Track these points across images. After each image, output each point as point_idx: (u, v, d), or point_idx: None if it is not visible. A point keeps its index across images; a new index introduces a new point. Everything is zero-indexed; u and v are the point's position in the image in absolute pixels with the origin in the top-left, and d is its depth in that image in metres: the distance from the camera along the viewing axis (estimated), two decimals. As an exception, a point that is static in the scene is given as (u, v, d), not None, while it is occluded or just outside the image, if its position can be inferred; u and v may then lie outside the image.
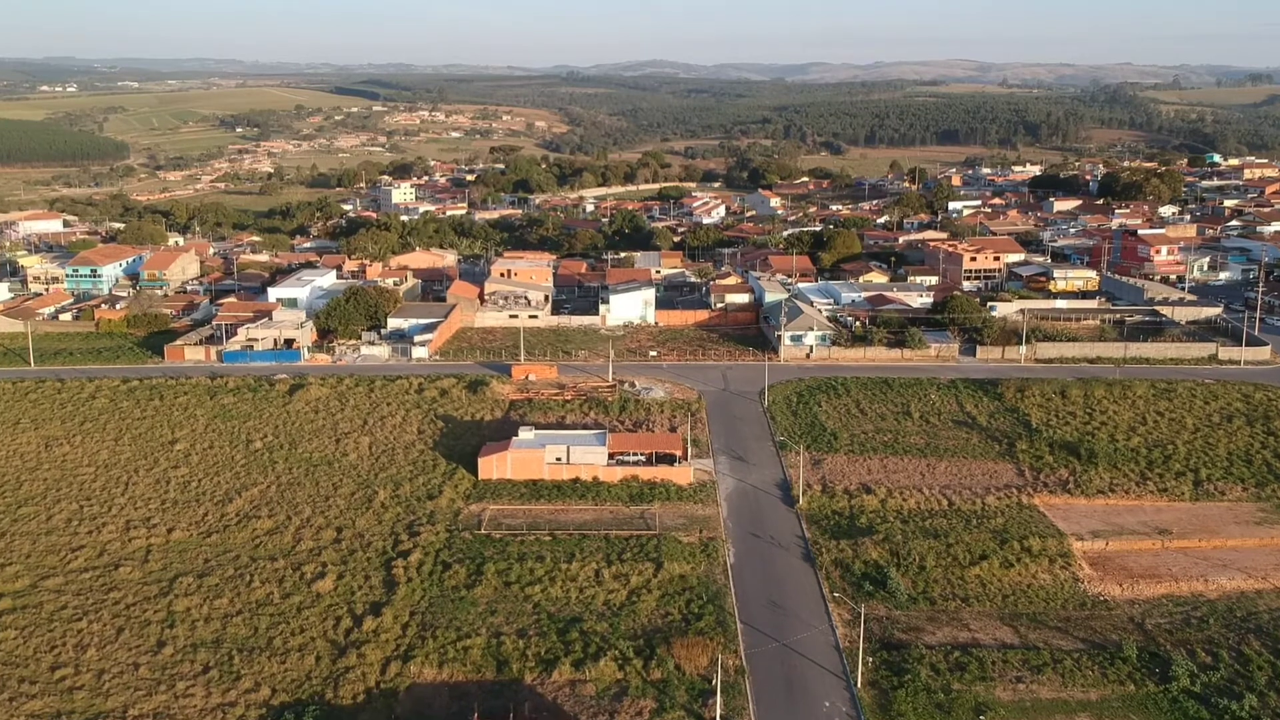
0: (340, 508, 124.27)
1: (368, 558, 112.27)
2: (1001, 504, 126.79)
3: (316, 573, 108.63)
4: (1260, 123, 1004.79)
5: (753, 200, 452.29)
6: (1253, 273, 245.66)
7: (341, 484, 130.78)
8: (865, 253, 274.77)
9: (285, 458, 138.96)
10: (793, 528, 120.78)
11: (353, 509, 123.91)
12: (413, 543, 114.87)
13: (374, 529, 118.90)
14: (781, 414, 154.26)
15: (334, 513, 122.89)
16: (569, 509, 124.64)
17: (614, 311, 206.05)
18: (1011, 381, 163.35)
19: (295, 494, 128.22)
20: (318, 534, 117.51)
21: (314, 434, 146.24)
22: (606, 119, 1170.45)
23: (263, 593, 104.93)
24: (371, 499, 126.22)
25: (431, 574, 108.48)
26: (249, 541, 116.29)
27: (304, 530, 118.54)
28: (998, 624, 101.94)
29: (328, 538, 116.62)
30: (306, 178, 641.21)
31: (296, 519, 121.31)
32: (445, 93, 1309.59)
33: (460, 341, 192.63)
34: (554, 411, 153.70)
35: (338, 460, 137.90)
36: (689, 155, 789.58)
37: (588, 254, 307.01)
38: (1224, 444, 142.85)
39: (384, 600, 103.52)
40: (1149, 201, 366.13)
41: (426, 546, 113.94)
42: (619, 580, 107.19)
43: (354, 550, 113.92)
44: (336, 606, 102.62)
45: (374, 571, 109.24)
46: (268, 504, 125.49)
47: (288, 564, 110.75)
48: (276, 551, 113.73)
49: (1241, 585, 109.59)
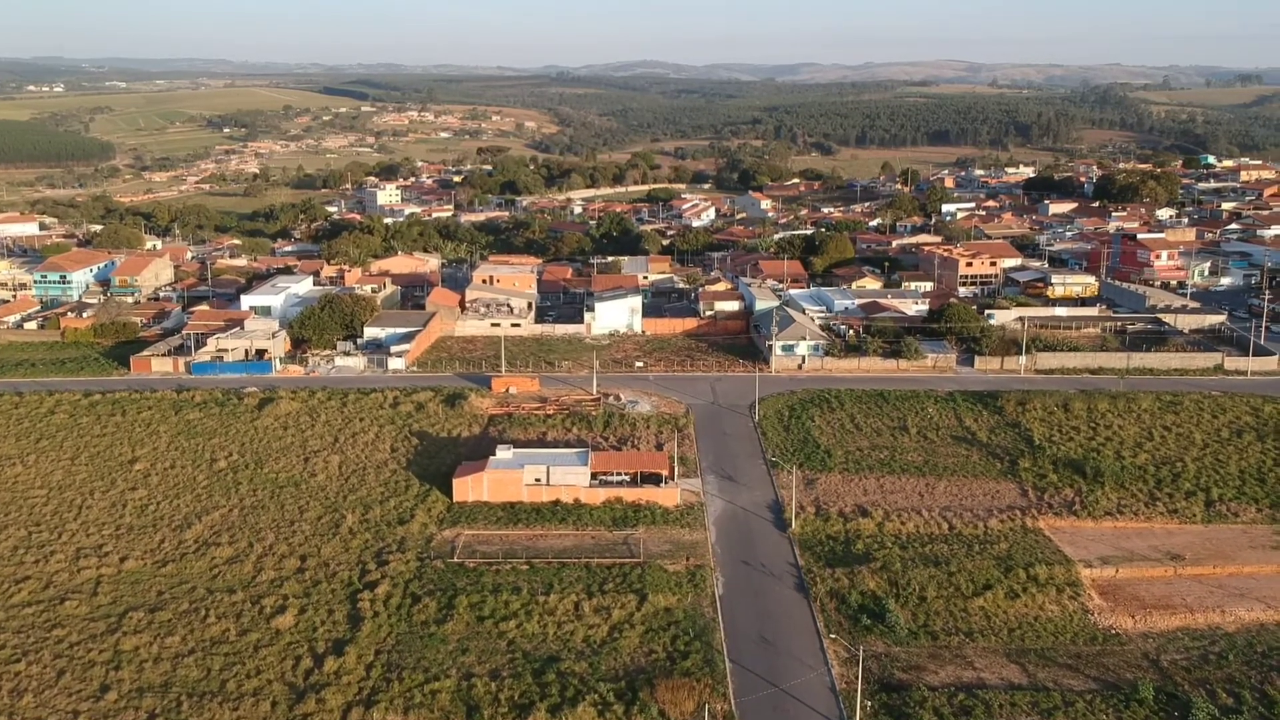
0: (305, 534, 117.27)
1: (332, 589, 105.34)
2: (1005, 527, 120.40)
3: (277, 607, 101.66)
4: (1250, 123, 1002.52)
5: (743, 202, 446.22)
6: (1254, 278, 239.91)
7: (308, 507, 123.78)
8: (858, 257, 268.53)
9: (250, 478, 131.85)
10: (785, 554, 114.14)
11: (318, 535, 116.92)
12: (381, 573, 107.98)
13: (340, 557, 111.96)
14: (773, 429, 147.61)
15: (299, 539, 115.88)
16: (548, 534, 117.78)
17: (599, 320, 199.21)
18: (1012, 394, 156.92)
19: (259, 518, 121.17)
20: (280, 563, 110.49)
21: (282, 452, 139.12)
22: (596, 119, 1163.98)
23: (218, 629, 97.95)
24: (339, 524, 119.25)
25: (400, 608, 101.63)
26: (207, 572, 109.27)
27: (266, 559, 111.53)
28: (1004, 661, 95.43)
29: (290, 567, 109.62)
30: (292, 179, 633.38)
31: (259, 546, 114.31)
32: (434, 93, 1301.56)
33: (439, 352, 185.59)
34: (535, 427, 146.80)
35: (305, 481, 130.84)
36: (679, 156, 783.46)
37: (574, 258, 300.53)
38: (1235, 461, 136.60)
39: (347, 637, 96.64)
40: (1146, 204, 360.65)
41: (395, 577, 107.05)
42: (600, 614, 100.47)
43: (318, 581, 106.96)
44: (297, 645, 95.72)
45: (338, 605, 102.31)
46: (229, 530, 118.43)
47: (247, 597, 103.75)
48: (236, 583, 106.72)
49: (1261, 617, 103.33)
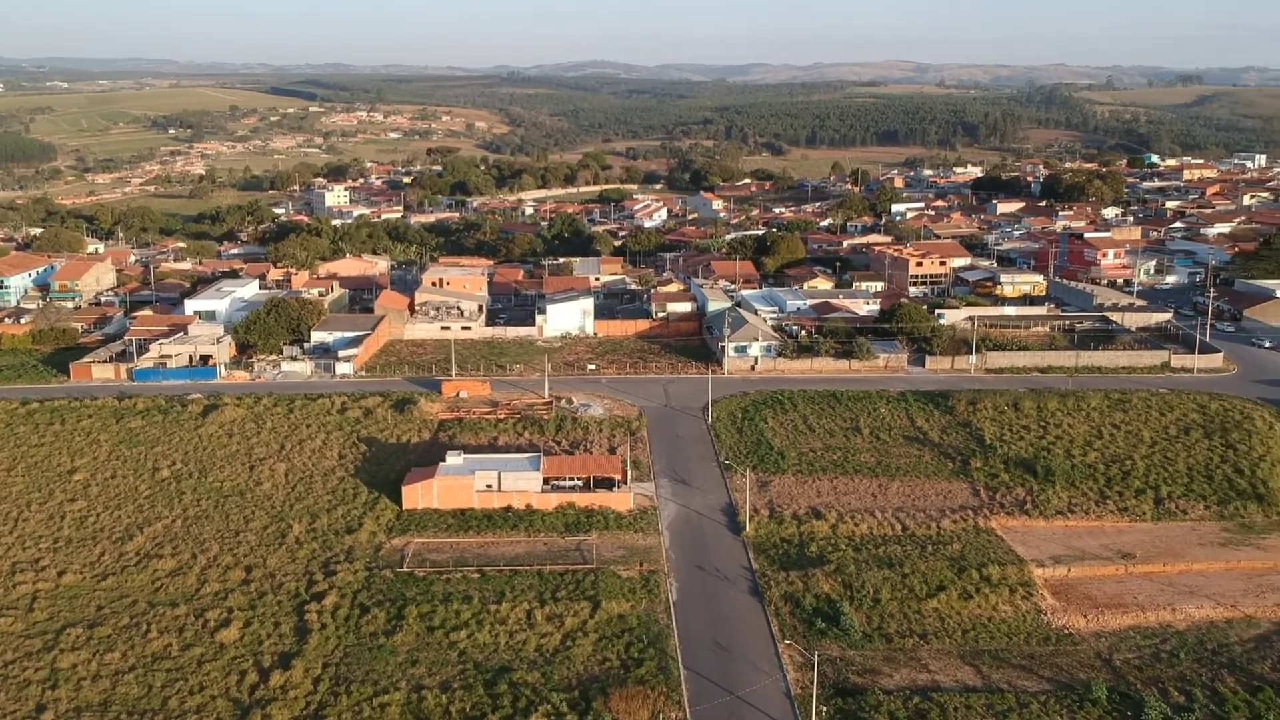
0: (251, 544, 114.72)
1: (278, 601, 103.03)
2: (958, 528, 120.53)
3: (221, 620, 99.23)
4: (1192, 123, 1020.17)
5: (695, 202, 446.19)
6: (1199, 276, 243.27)
7: (254, 517, 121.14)
8: (810, 258, 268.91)
9: (194, 488, 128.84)
10: (739, 558, 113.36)
11: (264, 545, 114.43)
12: (328, 583, 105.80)
13: (287, 568, 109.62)
14: (726, 431, 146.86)
15: (244, 550, 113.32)
16: (500, 541, 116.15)
17: (551, 322, 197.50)
18: (963, 394, 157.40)
19: (202, 529, 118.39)
20: (225, 575, 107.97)
21: (226, 460, 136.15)
22: (547, 119, 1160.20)
23: (160, 644, 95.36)
24: (285, 534, 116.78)
25: (348, 619, 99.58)
26: (148, 585, 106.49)
27: (210, 570, 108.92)
28: (958, 663, 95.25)
29: (235, 579, 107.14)
30: (239, 180, 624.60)
31: (202, 558, 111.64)
32: (384, 93, 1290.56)
33: (388, 356, 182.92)
34: (486, 432, 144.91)
35: (251, 490, 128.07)
36: (630, 156, 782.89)
37: (526, 259, 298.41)
38: (1183, 458, 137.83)
39: (294, 650, 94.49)
40: (1092, 203, 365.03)
41: (343, 588, 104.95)
42: (553, 622, 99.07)
43: (264, 593, 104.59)
44: (242, 659, 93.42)
45: (284, 617, 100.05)
46: (171, 541, 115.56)
47: (190, 610, 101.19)
48: (178, 596, 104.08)
49: (1210, 614, 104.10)
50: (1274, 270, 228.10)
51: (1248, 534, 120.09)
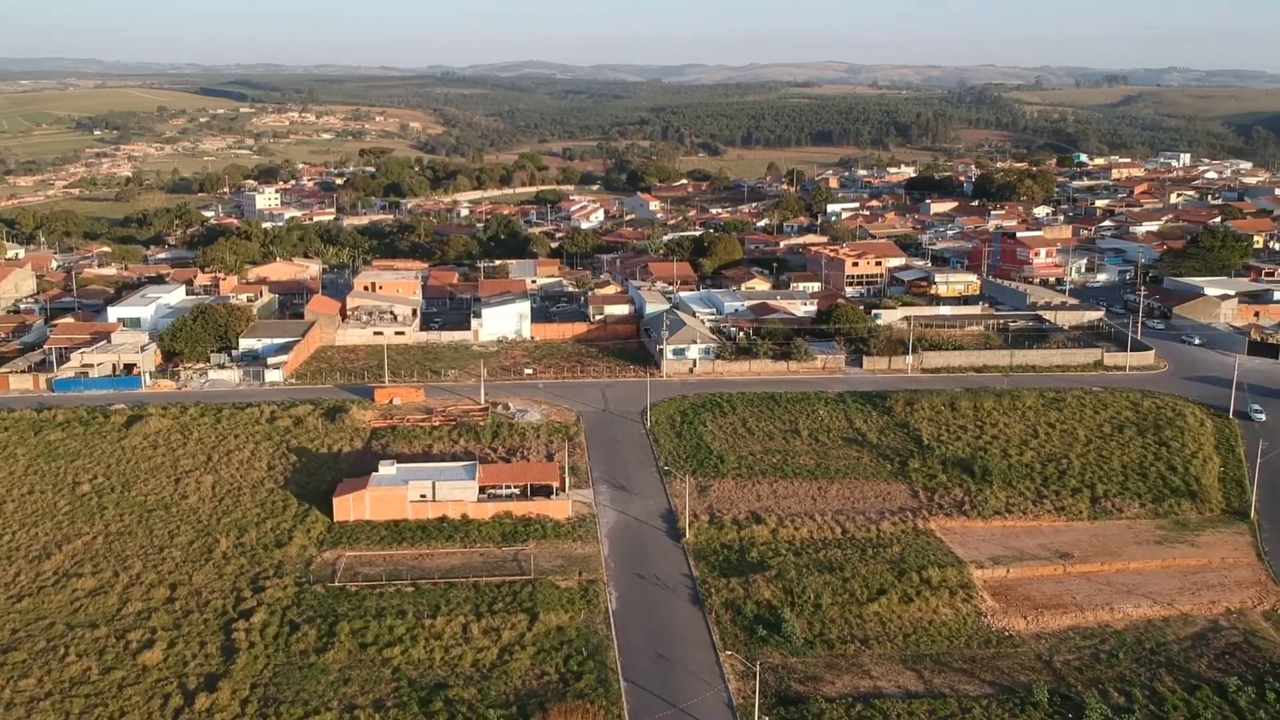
0: (176, 560, 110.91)
1: (204, 620, 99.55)
2: (897, 530, 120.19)
3: (144, 641, 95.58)
4: (1118, 123, 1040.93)
5: (632, 203, 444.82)
6: (1129, 274, 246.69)
7: (179, 532, 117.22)
8: (747, 258, 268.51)
9: (116, 502, 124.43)
10: (679, 565, 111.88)
11: (190, 561, 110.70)
12: (257, 600, 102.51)
13: (213, 585, 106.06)
14: (665, 435, 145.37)
15: (168, 567, 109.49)
16: (435, 553, 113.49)
17: (487, 326, 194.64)
18: (900, 394, 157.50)
19: (125, 545, 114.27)
20: (148, 593, 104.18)
21: (151, 473, 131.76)
22: (483, 120, 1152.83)
23: (79, 669, 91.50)
24: (212, 549, 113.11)
25: (277, 637, 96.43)
26: (67, 605, 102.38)
27: (132, 589, 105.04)
28: (900, 668, 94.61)
29: (159, 597, 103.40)
30: (167, 183, 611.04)
31: (125, 576, 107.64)
32: (316, 93, 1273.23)
33: (319, 362, 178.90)
34: (420, 440, 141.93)
35: (176, 504, 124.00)
36: (567, 157, 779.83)
37: (461, 262, 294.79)
38: (1117, 456, 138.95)
39: (221, 671, 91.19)
40: (1023, 202, 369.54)
41: (272, 604, 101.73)
42: (489, 636, 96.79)
43: (189, 612, 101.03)
44: (165, 682, 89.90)
45: (211, 637, 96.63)
46: (92, 559, 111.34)
47: (111, 631, 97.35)
48: (99, 617, 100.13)
49: (1148, 613, 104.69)
50: (1202, 268, 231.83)
51: (1182, 531, 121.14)
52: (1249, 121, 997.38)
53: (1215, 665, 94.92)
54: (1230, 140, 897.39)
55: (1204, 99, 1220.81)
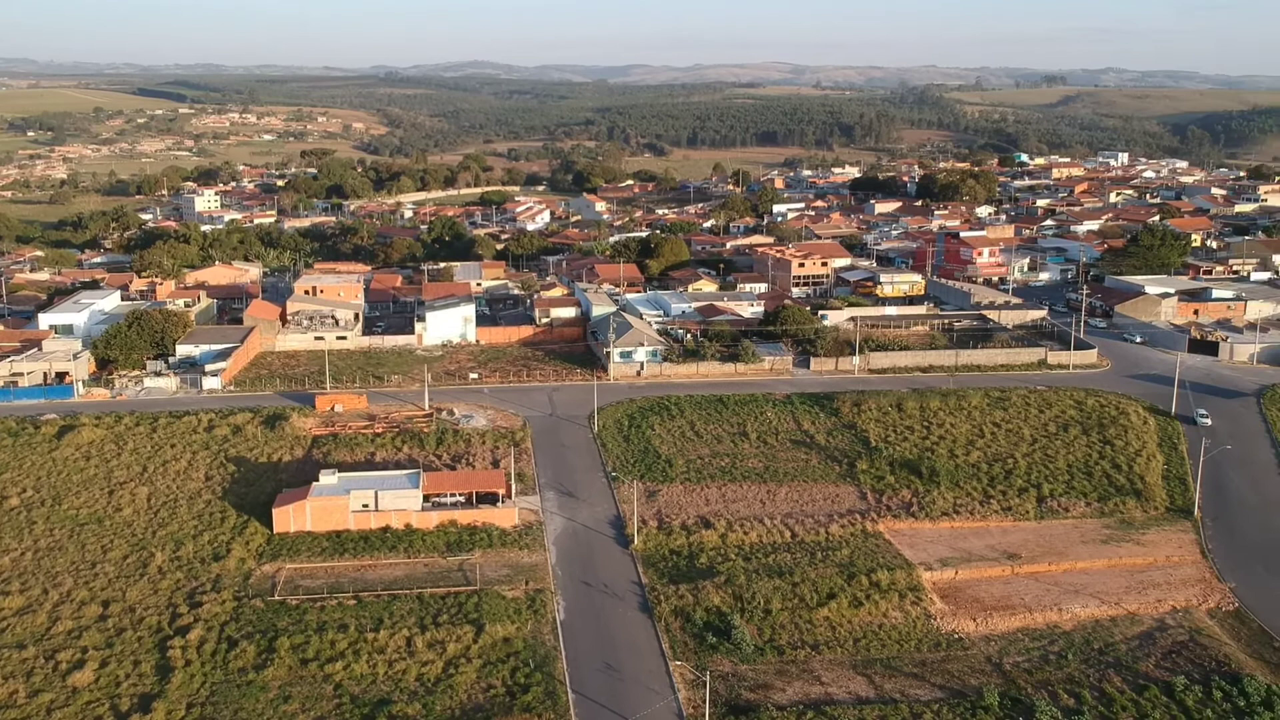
0: (109, 576, 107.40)
1: (138, 638, 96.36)
2: (846, 532, 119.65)
3: (74, 661, 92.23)
4: (1057, 122, 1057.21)
5: (578, 204, 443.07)
6: (1071, 273, 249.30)
7: (112, 546, 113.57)
8: (693, 259, 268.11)
9: (46, 516, 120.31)
10: (628, 572, 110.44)
11: (124, 577, 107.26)
12: (193, 616, 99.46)
13: (148, 601, 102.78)
14: (613, 440, 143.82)
15: (100, 583, 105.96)
16: (378, 564, 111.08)
17: (431, 330, 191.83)
18: (848, 396, 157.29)
19: (55, 561, 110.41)
20: (79, 611, 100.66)
21: (83, 485, 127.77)
22: (427, 120, 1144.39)
23: (4, 692, 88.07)
24: (147, 563, 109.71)
25: (215, 654, 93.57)
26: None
27: (63, 607, 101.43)
28: (851, 674, 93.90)
29: (91, 615, 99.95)
30: (104, 185, 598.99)
31: (54, 593, 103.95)
32: (257, 94, 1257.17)
33: (259, 369, 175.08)
34: (362, 448, 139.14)
35: (109, 517, 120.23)
36: (512, 157, 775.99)
37: (405, 264, 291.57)
38: (1063, 455, 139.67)
39: (156, 692, 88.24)
40: (966, 202, 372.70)
41: (210, 620, 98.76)
42: (434, 649, 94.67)
43: (122, 630, 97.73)
44: (97, 704, 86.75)
45: (145, 655, 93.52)
46: (20, 576, 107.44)
47: (40, 652, 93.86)
48: (26, 637, 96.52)
49: (1095, 613, 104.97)
50: (1142, 266, 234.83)
51: (1128, 530, 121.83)
52: (1184, 121, 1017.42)
53: (1162, 665, 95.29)
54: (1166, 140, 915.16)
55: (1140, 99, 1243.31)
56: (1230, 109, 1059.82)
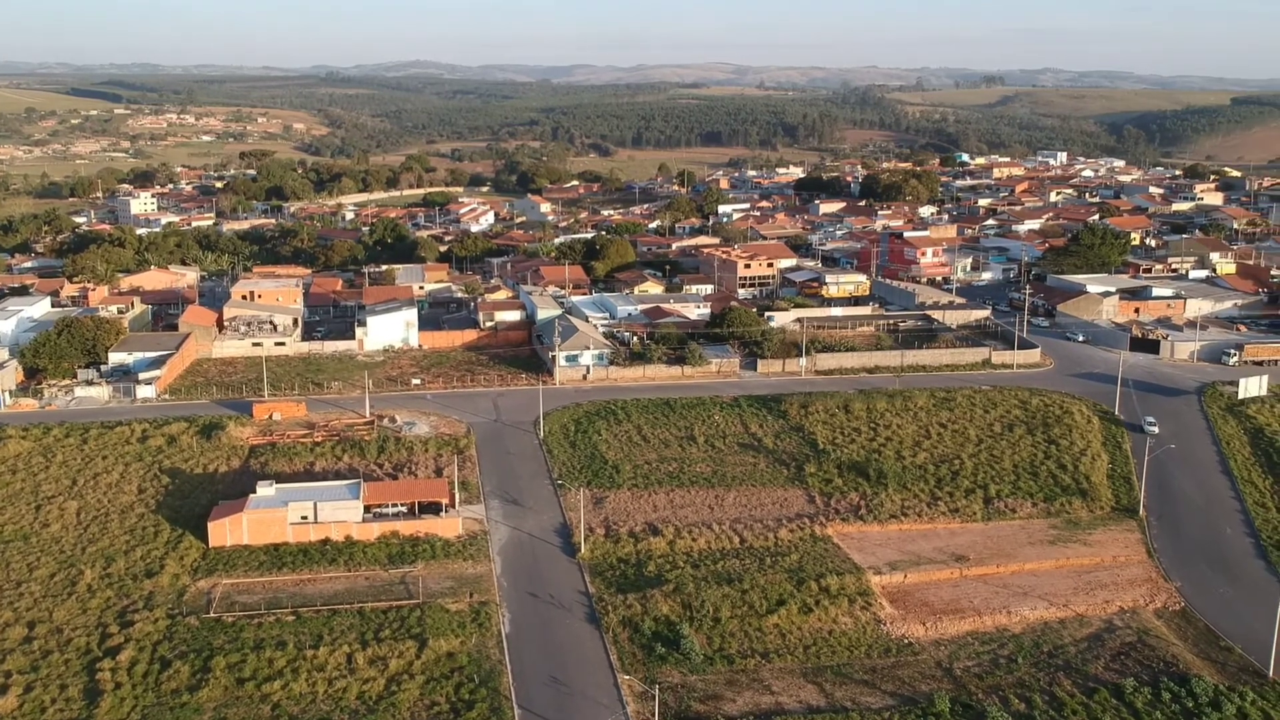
0: (35, 595, 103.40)
1: (66, 660, 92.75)
2: (795, 537, 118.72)
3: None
4: (996, 122, 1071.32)
5: (522, 205, 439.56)
6: (1013, 272, 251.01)
7: (39, 564, 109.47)
8: (639, 261, 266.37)
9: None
10: (575, 582, 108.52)
11: (50, 596, 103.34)
12: (124, 636, 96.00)
13: (76, 621, 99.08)
14: (559, 446, 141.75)
15: (25, 603, 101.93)
16: (317, 578, 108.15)
17: (372, 335, 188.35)
18: (795, 398, 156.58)
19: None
20: (2, 633, 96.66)
21: (8, 500, 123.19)
22: (369, 121, 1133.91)
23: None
24: (75, 581, 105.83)
25: (146, 676, 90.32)
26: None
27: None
28: (801, 682, 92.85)
29: (15, 637, 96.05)
30: (35, 187, 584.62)
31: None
32: (195, 94, 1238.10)
33: (195, 377, 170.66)
34: (302, 457, 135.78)
35: (36, 533, 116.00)
36: (455, 158, 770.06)
37: (346, 267, 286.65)
38: (1008, 455, 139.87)
39: (84, 717, 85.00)
40: (909, 202, 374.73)
41: (142, 640, 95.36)
42: (376, 666, 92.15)
43: (48, 652, 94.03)
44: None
45: (73, 679, 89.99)
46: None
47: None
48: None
49: (1044, 615, 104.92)
50: (1083, 265, 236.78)
51: (1075, 530, 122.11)
52: (1120, 120, 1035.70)
53: (1111, 667, 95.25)
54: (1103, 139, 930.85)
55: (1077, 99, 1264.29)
56: (1164, 109, 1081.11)
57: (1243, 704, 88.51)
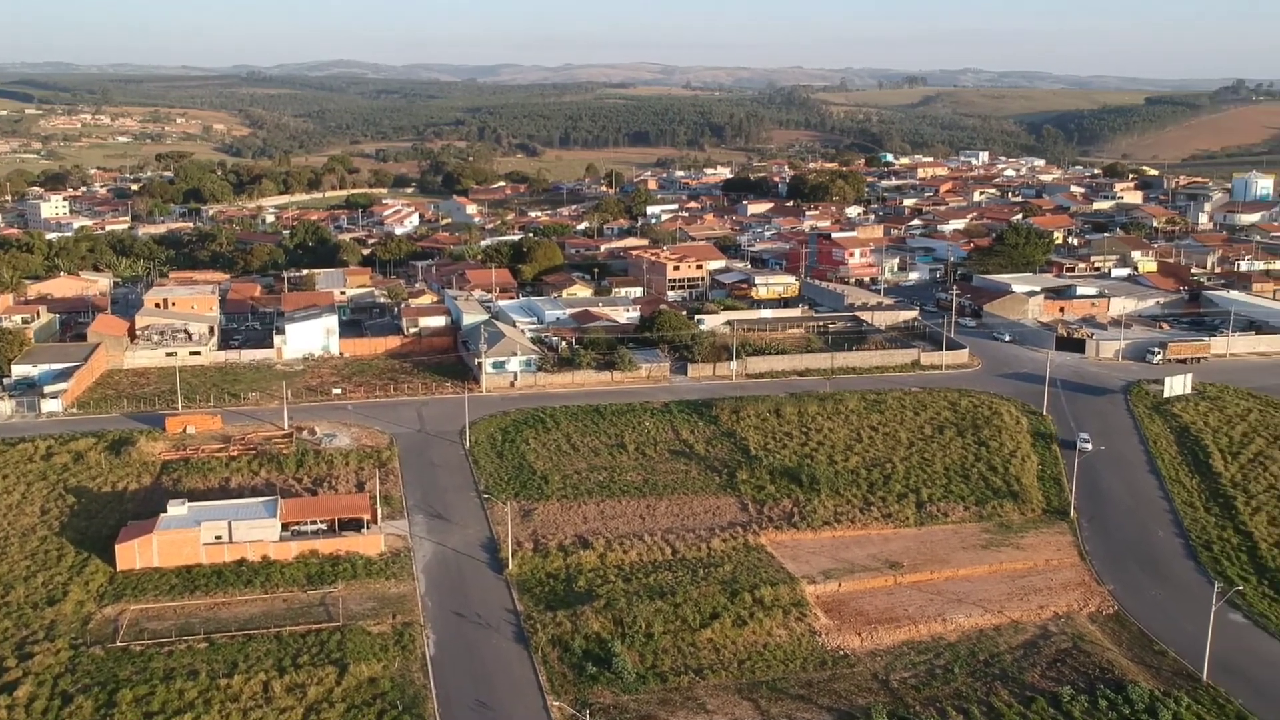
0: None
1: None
2: (728, 546, 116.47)
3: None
4: (919, 122, 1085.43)
5: (448, 207, 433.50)
6: (939, 272, 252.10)
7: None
8: (568, 263, 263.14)
9: None
10: (502, 600, 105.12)
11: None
12: (23, 670, 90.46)
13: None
14: (486, 457, 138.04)
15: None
16: (232, 601, 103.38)
17: (291, 343, 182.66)
18: (726, 402, 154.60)
19: None
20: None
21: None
22: (291, 121, 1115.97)
23: None
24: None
25: (46, 713, 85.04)
26: None
27: None
28: (737, 699, 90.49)
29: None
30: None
31: None
32: (110, 94, 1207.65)
33: (105, 389, 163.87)
34: (217, 473, 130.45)
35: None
36: (380, 158, 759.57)
37: (267, 271, 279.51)
38: (939, 459, 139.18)
39: (-23, 759, 79.83)
40: (836, 202, 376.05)
41: (41, 673, 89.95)
42: (294, 694, 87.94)
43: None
44: (-92, 776, 78.01)
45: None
46: None
47: None
48: None
49: (979, 622, 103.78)
50: (1007, 265, 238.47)
51: (1007, 534, 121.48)
52: (1039, 120, 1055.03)
53: (1048, 674, 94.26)
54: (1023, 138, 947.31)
55: (997, 99, 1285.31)
56: (1082, 108, 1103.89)
57: (1178, 709, 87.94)
